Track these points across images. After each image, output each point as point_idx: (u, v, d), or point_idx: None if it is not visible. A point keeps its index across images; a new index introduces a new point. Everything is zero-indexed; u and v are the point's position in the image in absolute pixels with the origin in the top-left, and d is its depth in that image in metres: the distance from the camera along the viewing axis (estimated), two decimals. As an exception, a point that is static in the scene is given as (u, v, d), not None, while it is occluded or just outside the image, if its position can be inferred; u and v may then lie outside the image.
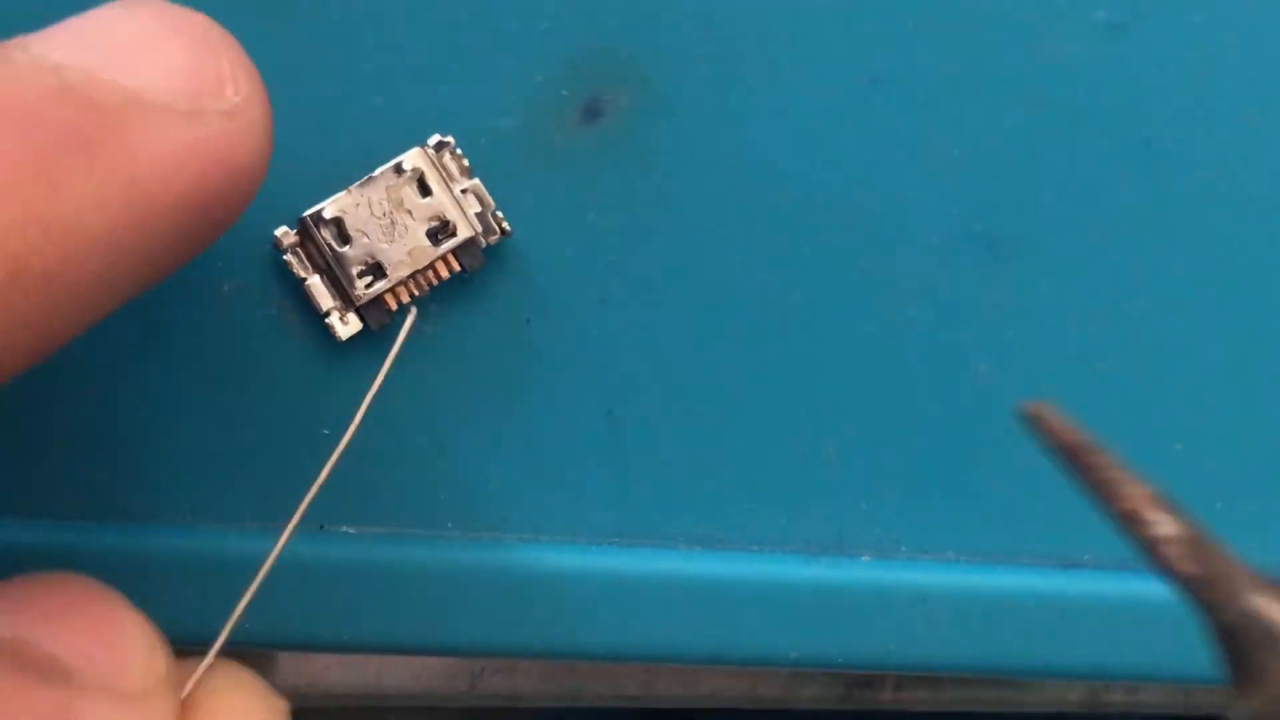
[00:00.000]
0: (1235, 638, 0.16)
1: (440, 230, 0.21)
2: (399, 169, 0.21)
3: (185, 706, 0.16)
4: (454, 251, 0.21)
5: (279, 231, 0.21)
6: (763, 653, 0.24)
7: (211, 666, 0.17)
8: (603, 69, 0.22)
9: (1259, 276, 0.24)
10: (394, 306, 0.21)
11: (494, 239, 0.22)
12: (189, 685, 0.17)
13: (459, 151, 0.21)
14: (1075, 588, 0.21)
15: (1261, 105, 0.24)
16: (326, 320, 0.21)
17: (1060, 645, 0.24)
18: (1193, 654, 0.23)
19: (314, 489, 0.19)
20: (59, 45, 0.15)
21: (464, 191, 0.21)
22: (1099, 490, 0.17)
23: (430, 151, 0.21)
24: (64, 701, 0.14)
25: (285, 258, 0.21)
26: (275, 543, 0.19)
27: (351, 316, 0.21)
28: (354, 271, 0.21)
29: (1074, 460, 0.17)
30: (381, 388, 0.21)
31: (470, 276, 0.22)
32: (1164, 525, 0.16)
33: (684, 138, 0.22)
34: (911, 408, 0.23)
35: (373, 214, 0.21)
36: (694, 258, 0.23)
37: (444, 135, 0.21)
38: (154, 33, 0.16)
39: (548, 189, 0.22)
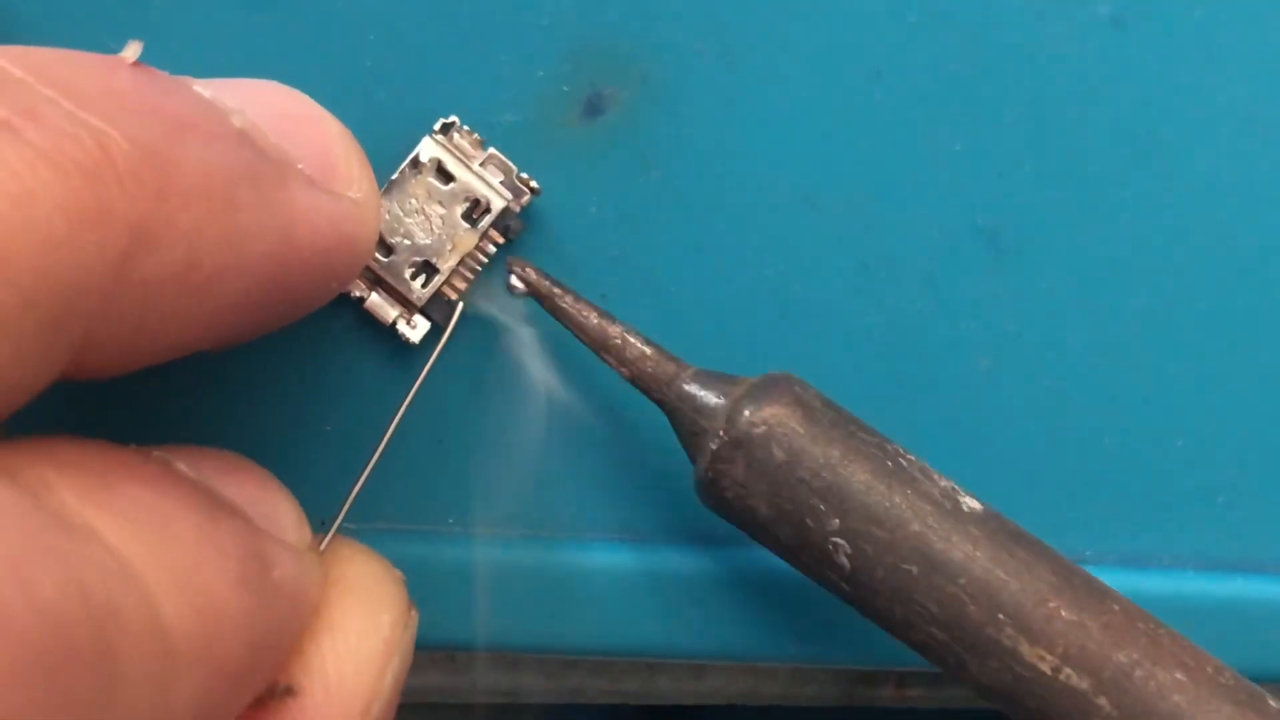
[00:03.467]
0: (677, 415, 0.21)
1: (474, 209, 0.21)
2: (416, 163, 0.21)
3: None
4: (493, 225, 0.22)
5: None
6: (764, 650, 0.24)
7: (335, 540, 0.20)
8: (604, 64, 0.22)
9: (1261, 271, 0.24)
10: (454, 296, 0.22)
11: (525, 200, 0.22)
12: (322, 545, 0.19)
13: (466, 128, 0.21)
14: (1077, 583, 0.21)
15: (1263, 98, 0.24)
16: (396, 330, 0.22)
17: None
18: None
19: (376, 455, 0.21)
20: (229, 96, 0.17)
21: (483, 164, 0.21)
22: (571, 323, 0.21)
23: (439, 137, 0.21)
24: (252, 536, 0.16)
25: None
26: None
27: (417, 319, 0.22)
28: (406, 275, 0.21)
29: (549, 301, 0.21)
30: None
31: (511, 247, 0.22)
32: (629, 345, 0.21)
33: (685, 133, 0.22)
34: (913, 402, 0.23)
35: (406, 215, 0.21)
36: (695, 253, 0.23)
37: (446, 117, 0.21)
38: (309, 119, 0.19)
39: (549, 184, 0.22)
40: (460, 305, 0.22)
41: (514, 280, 0.21)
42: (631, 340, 0.21)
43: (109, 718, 0.13)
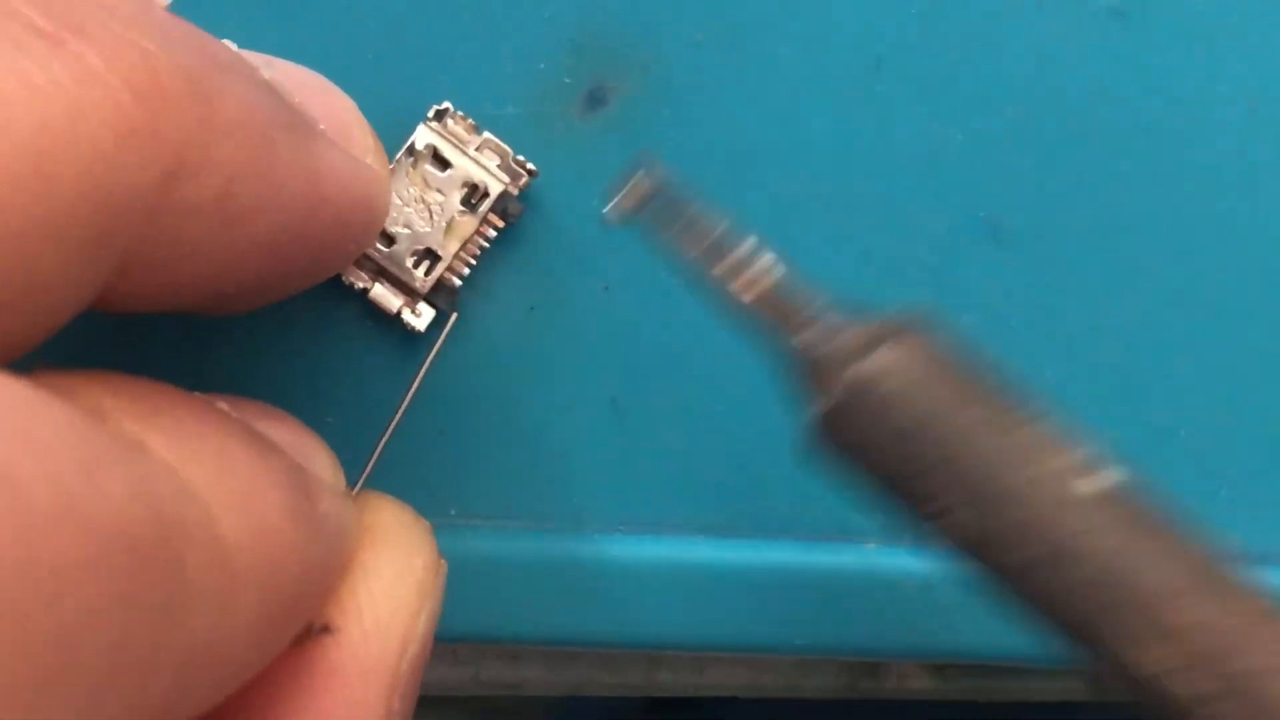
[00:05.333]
0: (807, 360, 0.18)
1: (472, 194, 0.21)
2: (411, 151, 0.21)
3: None
4: (493, 210, 0.22)
5: None
6: (767, 641, 0.24)
7: (363, 491, 0.20)
8: (605, 56, 0.22)
9: (1265, 262, 0.24)
10: (458, 282, 0.22)
11: (523, 183, 0.22)
12: (354, 492, 0.19)
13: (460, 113, 0.21)
14: (1080, 574, 0.21)
15: (1266, 88, 0.24)
16: (401, 319, 0.22)
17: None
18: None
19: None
20: (251, 58, 0.17)
21: (479, 149, 0.21)
22: (693, 235, 0.18)
23: (434, 124, 0.21)
24: (298, 471, 0.16)
25: (344, 279, 0.21)
26: None
27: (421, 306, 0.22)
28: (408, 264, 0.21)
29: (672, 208, 0.18)
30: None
31: (510, 230, 0.22)
32: (755, 267, 0.18)
33: (686, 124, 0.22)
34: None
35: (405, 204, 0.21)
36: (697, 244, 0.23)
37: (439, 104, 0.21)
38: (324, 89, 0.19)
39: (550, 176, 0.22)
40: (454, 317, 0.22)
41: (622, 198, 0.18)
42: (773, 273, 0.18)
43: (177, 629, 0.13)
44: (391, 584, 0.18)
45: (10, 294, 0.13)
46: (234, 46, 0.17)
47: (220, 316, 0.18)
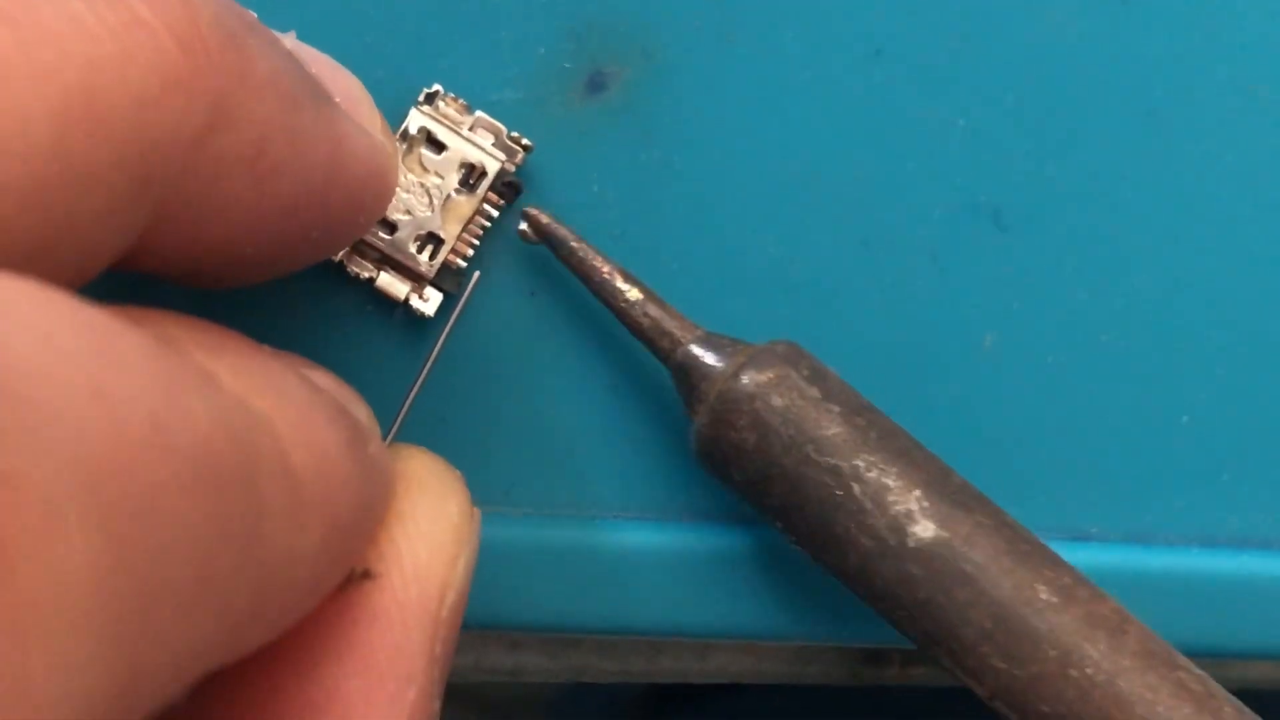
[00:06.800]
0: (683, 374, 0.21)
1: (470, 174, 0.21)
2: (405, 136, 0.21)
3: None
4: (491, 189, 0.21)
5: None
6: (769, 628, 0.24)
7: (394, 443, 0.20)
8: (606, 41, 0.22)
9: (1264, 248, 0.24)
10: (463, 264, 0.22)
11: (519, 158, 0.22)
12: (386, 442, 0.20)
13: (450, 95, 0.21)
14: (1082, 559, 0.21)
15: (1266, 75, 0.24)
16: (410, 305, 0.22)
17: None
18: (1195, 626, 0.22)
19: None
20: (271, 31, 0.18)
21: (472, 129, 0.21)
22: (580, 270, 0.21)
23: (425, 107, 0.21)
24: (347, 411, 0.17)
25: (349, 270, 0.21)
26: None
27: (429, 291, 0.22)
28: (412, 250, 0.21)
29: (560, 248, 0.21)
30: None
31: (513, 207, 0.22)
32: (631, 292, 0.21)
33: (687, 110, 0.22)
34: (916, 379, 0.23)
35: (404, 191, 0.21)
36: (698, 230, 0.23)
37: (428, 86, 0.21)
38: (335, 67, 0.19)
39: (551, 162, 0.22)
40: (476, 274, 0.22)
41: (524, 226, 0.21)
42: (642, 290, 0.21)
43: (255, 549, 0.13)
44: (429, 530, 0.18)
45: (53, 236, 0.13)
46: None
47: (223, 289, 0.18)
